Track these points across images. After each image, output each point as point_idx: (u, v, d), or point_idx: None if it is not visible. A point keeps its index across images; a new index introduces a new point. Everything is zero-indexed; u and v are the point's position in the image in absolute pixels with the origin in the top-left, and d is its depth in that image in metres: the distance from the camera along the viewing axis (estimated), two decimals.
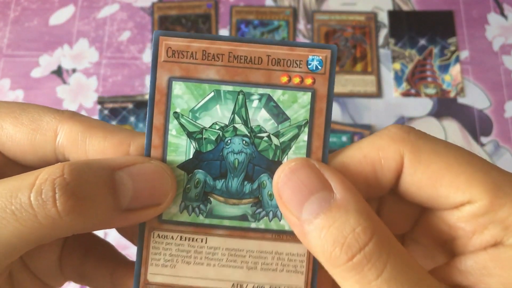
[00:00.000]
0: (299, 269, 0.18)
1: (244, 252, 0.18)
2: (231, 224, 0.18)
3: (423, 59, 0.56)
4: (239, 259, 0.18)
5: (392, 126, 0.17)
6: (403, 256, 0.14)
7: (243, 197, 0.18)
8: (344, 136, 0.53)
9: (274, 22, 0.57)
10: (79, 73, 0.55)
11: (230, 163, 0.18)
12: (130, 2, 0.58)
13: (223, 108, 0.18)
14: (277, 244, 0.18)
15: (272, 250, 0.18)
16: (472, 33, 0.57)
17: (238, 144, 0.18)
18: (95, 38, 0.57)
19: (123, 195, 0.16)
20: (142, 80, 0.55)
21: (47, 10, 0.58)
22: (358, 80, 0.55)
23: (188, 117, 0.17)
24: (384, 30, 0.57)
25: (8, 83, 0.55)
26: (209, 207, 0.18)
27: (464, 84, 0.55)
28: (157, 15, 0.57)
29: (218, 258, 0.18)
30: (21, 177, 0.15)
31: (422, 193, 0.16)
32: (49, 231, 0.15)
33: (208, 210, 0.18)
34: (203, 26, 0.57)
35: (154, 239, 0.18)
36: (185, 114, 0.17)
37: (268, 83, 0.17)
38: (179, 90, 0.17)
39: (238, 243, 0.18)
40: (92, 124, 0.18)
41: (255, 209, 0.18)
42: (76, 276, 0.21)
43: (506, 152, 0.52)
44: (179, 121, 0.17)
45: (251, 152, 0.18)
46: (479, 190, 0.15)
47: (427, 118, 0.53)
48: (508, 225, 0.14)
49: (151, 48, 0.55)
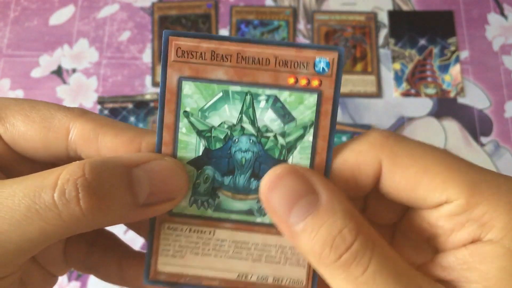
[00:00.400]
0: (302, 263, 0.19)
1: (249, 245, 0.19)
2: (238, 218, 0.19)
3: (423, 59, 0.56)
4: (245, 251, 0.19)
5: (372, 130, 0.18)
6: (387, 252, 0.16)
7: (249, 193, 0.18)
8: (344, 136, 0.53)
9: (274, 22, 0.57)
10: (79, 73, 0.55)
11: (237, 160, 0.18)
12: (130, 2, 0.58)
13: (231, 108, 0.18)
14: (281, 239, 0.19)
15: (276, 243, 0.19)
16: (472, 33, 0.57)
17: (245, 143, 0.18)
18: (95, 38, 0.57)
19: (140, 192, 0.17)
20: (142, 80, 0.55)
21: (47, 10, 0.58)
22: (358, 80, 0.55)
23: (198, 116, 0.18)
24: (384, 30, 0.57)
25: (8, 83, 0.55)
26: (217, 201, 0.19)
27: (464, 84, 0.55)
28: (157, 15, 0.57)
29: (225, 250, 0.19)
30: (42, 176, 0.16)
31: (402, 195, 0.17)
32: (71, 228, 0.16)
33: (216, 204, 0.19)
34: (203, 26, 0.57)
35: (164, 231, 0.19)
36: (195, 113, 0.18)
37: (276, 84, 0.18)
38: (189, 90, 0.18)
39: (244, 236, 0.19)
40: (103, 122, 0.18)
41: (261, 205, 0.18)
42: (82, 266, 0.21)
43: (506, 152, 0.52)
44: (189, 119, 0.18)
45: (258, 151, 0.18)
46: (456, 190, 0.16)
47: (427, 118, 0.53)
48: (484, 222, 0.15)
49: (151, 48, 0.55)
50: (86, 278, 0.47)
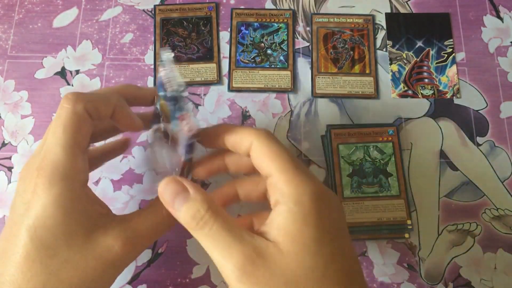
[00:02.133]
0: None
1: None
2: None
3: (420, 61, 0.56)
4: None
5: (259, 128, 0.31)
6: (225, 219, 0.27)
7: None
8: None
9: (274, 24, 0.58)
10: (82, 74, 0.56)
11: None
12: (132, 4, 0.59)
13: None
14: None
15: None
16: (468, 35, 0.58)
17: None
18: (98, 40, 0.57)
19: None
20: (145, 82, 0.56)
21: (51, 12, 0.59)
22: (356, 81, 0.55)
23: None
24: (382, 32, 0.58)
25: (12, 84, 0.55)
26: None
27: (461, 85, 0.55)
28: (159, 18, 0.58)
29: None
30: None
31: (255, 163, 0.29)
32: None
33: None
34: (204, 28, 0.58)
35: None
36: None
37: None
38: None
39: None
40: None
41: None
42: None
43: (501, 152, 0.53)
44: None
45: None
46: (273, 170, 0.27)
47: (424, 119, 0.54)
48: (283, 192, 0.26)
49: (153, 50, 0.56)
50: None
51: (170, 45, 0.57)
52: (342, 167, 0.51)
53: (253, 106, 0.54)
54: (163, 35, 0.57)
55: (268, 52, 0.57)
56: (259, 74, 0.56)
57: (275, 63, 0.56)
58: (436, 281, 0.48)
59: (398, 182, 0.50)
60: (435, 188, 0.51)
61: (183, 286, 0.47)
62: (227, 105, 0.55)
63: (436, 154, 0.53)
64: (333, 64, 0.56)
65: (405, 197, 0.50)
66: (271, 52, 0.57)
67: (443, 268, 0.48)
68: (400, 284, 0.48)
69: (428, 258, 0.48)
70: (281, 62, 0.56)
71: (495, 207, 0.50)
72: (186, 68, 0.56)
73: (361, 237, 0.49)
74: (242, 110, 0.54)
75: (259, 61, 0.57)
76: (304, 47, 0.57)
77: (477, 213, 0.50)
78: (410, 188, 0.51)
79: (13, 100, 0.55)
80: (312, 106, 0.55)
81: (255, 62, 0.56)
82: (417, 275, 0.48)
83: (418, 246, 0.49)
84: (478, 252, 0.48)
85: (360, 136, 0.52)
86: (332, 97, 0.55)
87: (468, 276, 0.48)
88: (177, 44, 0.57)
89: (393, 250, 0.49)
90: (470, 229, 0.49)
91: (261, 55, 0.57)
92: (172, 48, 0.57)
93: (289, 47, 0.57)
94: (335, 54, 0.57)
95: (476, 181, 0.51)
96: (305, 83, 0.56)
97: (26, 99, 0.55)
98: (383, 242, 0.49)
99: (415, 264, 0.48)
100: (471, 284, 0.47)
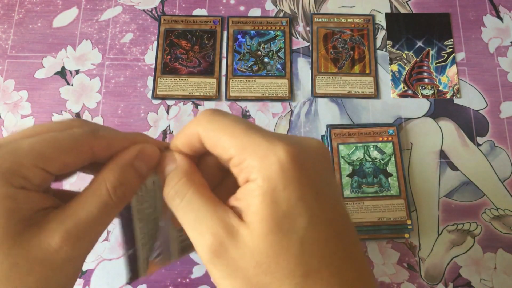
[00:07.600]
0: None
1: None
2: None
3: (420, 61, 0.56)
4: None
5: (201, 112, 0.32)
6: (200, 189, 0.25)
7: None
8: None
9: (270, 32, 0.58)
10: (82, 74, 0.56)
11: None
12: (132, 4, 0.59)
13: None
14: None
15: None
16: (468, 35, 0.58)
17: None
18: (98, 40, 0.57)
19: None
20: (144, 81, 0.56)
21: (51, 12, 0.59)
22: (356, 81, 0.55)
23: None
24: (382, 32, 0.58)
25: (12, 84, 0.55)
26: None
27: (461, 85, 0.55)
28: (163, 28, 0.58)
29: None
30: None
31: (213, 152, 0.26)
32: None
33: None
34: (208, 42, 0.57)
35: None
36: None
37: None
38: None
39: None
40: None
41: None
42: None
43: (501, 152, 0.53)
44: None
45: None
46: (233, 150, 0.24)
47: (424, 119, 0.54)
48: (249, 170, 0.24)
49: (155, 53, 0.56)
50: (89, 275, 0.48)
51: (172, 57, 0.57)
52: (342, 167, 0.51)
53: (253, 106, 0.54)
54: (165, 46, 0.57)
55: (265, 60, 0.56)
56: (256, 82, 0.55)
57: (272, 71, 0.56)
58: (436, 281, 0.48)
59: (398, 182, 0.50)
60: (435, 188, 0.51)
61: (183, 286, 0.47)
62: (227, 105, 0.55)
63: (436, 154, 0.53)
64: (333, 64, 0.56)
65: (405, 197, 0.50)
66: (268, 60, 0.56)
67: (443, 268, 0.48)
68: (400, 284, 0.48)
69: (428, 258, 0.48)
70: (278, 70, 0.56)
71: (495, 207, 0.50)
72: (185, 81, 0.55)
73: (361, 237, 0.49)
74: (242, 110, 0.54)
75: (256, 69, 0.56)
76: (304, 47, 0.57)
77: (477, 213, 0.50)
78: (410, 188, 0.51)
79: (13, 100, 0.55)
80: (312, 106, 0.55)
81: (252, 70, 0.56)
82: (417, 275, 0.48)
83: (418, 246, 0.49)
84: (478, 252, 0.48)
85: (360, 136, 0.52)
86: (332, 97, 0.55)
87: (468, 276, 0.48)
88: (179, 56, 0.57)
89: (393, 250, 0.49)
90: (470, 229, 0.49)
91: (258, 63, 0.56)
92: (174, 59, 0.56)
93: (286, 55, 0.57)
94: (335, 54, 0.57)
95: (476, 181, 0.51)
96: (305, 83, 0.56)
97: (26, 99, 0.55)
98: (383, 242, 0.49)
99: (415, 264, 0.48)
100: (471, 284, 0.47)
